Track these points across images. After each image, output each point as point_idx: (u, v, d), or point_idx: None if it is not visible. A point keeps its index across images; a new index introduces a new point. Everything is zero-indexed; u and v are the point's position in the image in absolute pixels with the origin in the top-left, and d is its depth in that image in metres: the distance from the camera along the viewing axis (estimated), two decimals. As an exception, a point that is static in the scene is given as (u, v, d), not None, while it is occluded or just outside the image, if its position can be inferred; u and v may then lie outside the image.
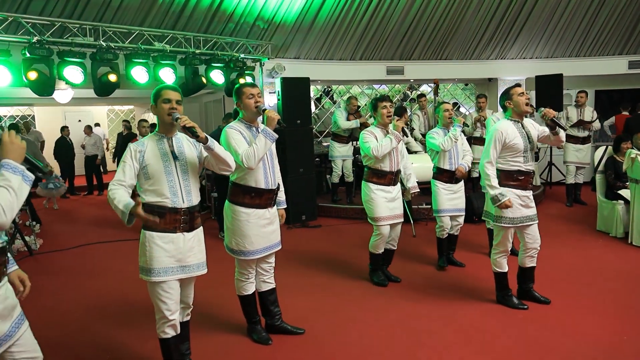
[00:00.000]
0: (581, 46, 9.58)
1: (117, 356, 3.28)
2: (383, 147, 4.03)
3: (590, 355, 3.06)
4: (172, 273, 2.63)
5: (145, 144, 2.64)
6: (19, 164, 1.85)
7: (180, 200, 2.62)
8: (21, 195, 1.80)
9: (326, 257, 5.41)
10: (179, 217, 2.63)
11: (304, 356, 3.18)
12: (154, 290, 2.63)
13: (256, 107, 3.13)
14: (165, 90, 2.66)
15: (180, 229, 2.64)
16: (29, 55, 5.47)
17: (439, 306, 3.92)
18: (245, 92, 3.14)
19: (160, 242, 2.60)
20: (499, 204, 3.53)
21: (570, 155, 7.65)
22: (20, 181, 1.81)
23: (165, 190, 2.59)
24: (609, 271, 4.61)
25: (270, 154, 3.25)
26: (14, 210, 1.76)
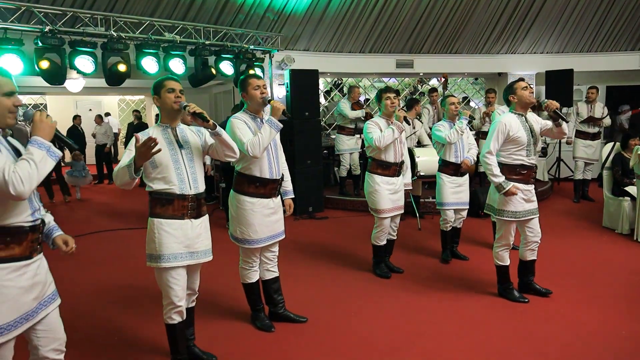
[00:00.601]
0: (593, 41, 9.49)
1: (125, 339, 3.37)
2: (385, 138, 4.06)
3: (589, 348, 3.10)
4: (181, 259, 2.69)
5: (151, 133, 2.68)
6: (47, 141, 1.93)
7: (187, 187, 2.68)
8: (43, 168, 1.88)
9: (331, 249, 5.47)
10: (187, 203, 2.68)
11: (306, 344, 3.24)
12: (162, 276, 2.70)
13: (261, 98, 3.18)
14: (167, 81, 2.71)
15: (188, 216, 2.70)
16: (41, 45, 5.56)
17: (441, 298, 3.96)
18: (251, 83, 3.19)
19: (169, 228, 2.66)
20: (504, 191, 3.56)
21: (579, 151, 7.61)
22: (43, 155, 1.89)
23: (173, 178, 2.64)
24: (612, 267, 4.61)
25: (274, 144, 3.30)
26: (32, 181, 1.84)
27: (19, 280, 1.95)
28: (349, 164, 7.61)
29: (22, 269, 1.97)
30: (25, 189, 1.83)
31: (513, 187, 3.56)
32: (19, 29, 5.49)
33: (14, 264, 1.94)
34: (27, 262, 1.99)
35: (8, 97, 1.94)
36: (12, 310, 1.92)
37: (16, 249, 1.94)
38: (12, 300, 1.92)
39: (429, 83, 12.24)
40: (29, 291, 1.99)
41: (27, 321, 1.99)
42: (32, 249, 2.01)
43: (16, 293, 1.93)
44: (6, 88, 1.93)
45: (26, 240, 1.98)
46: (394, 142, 4.17)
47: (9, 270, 1.92)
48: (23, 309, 1.96)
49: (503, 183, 3.57)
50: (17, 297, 1.94)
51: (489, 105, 7.08)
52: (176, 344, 2.81)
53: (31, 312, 2.00)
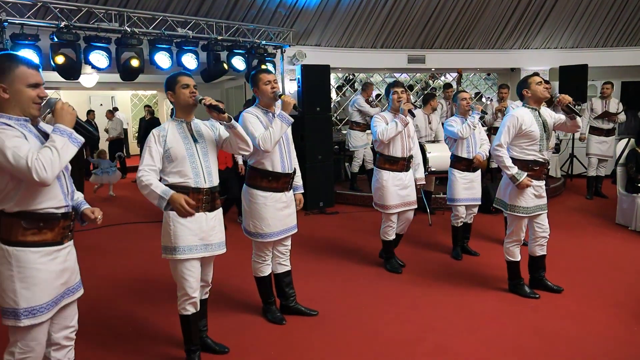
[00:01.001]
0: (608, 36, 9.37)
1: (140, 329, 3.44)
2: (389, 131, 4.05)
3: (599, 345, 3.09)
4: (196, 251, 2.73)
5: (166, 128, 2.73)
6: (69, 128, 2.01)
7: (202, 180, 2.72)
8: (64, 154, 1.95)
9: (342, 244, 5.49)
10: (202, 196, 2.73)
11: (316, 337, 3.28)
12: (177, 268, 2.74)
13: (272, 92, 3.21)
14: (180, 77, 2.74)
15: (203, 209, 2.74)
16: (57, 40, 5.63)
17: (451, 293, 3.97)
18: (262, 78, 3.23)
19: (184, 221, 2.70)
20: (518, 182, 3.55)
21: (593, 147, 7.54)
22: (65, 142, 1.96)
23: (188, 172, 2.69)
24: (624, 264, 4.59)
25: (286, 139, 3.33)
26: (54, 167, 1.90)
27: (51, 264, 2.05)
28: (361, 159, 7.61)
29: (54, 253, 2.07)
30: (48, 175, 1.89)
31: (527, 179, 3.55)
32: (35, 25, 5.57)
33: (46, 249, 2.03)
34: (58, 247, 2.08)
35: (33, 89, 2.00)
36: (44, 293, 2.02)
37: (48, 234, 2.04)
38: (44, 283, 2.02)
39: (441, 79, 12.16)
40: (60, 276, 2.09)
41: (56, 305, 2.08)
42: (64, 235, 2.11)
43: (48, 276, 2.04)
44: (32, 79, 1.99)
45: (58, 226, 2.07)
46: (401, 136, 4.16)
47: (41, 254, 2.02)
48: (54, 293, 2.06)
49: (517, 174, 3.56)
50: (49, 281, 2.04)
51: (501, 100, 7.04)
52: (190, 335, 2.85)
53: (59, 296, 2.10)
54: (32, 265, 1.99)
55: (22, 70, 1.97)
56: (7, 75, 1.96)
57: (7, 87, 1.97)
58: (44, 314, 2.02)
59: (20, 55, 2.08)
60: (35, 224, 2.01)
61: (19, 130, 1.98)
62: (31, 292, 1.99)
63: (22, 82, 1.98)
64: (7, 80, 1.96)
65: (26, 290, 1.98)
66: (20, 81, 1.97)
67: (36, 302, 1.99)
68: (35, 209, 2.00)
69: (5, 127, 1.93)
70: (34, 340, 2.04)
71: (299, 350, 3.11)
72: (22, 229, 1.99)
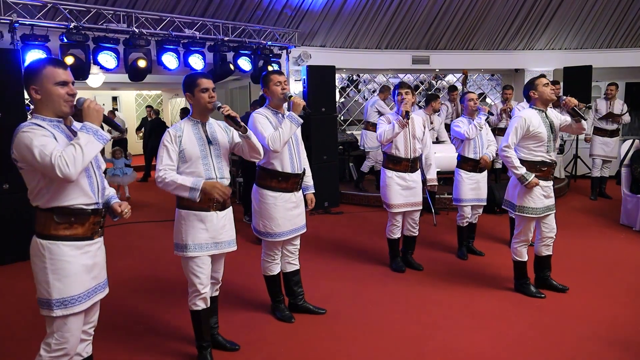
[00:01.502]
0: (612, 37, 9.39)
1: (150, 326, 3.49)
2: (386, 133, 4.08)
3: (604, 343, 3.13)
4: (207, 249, 2.79)
5: (182, 128, 2.77)
6: (96, 125, 2.07)
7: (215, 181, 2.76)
8: (89, 151, 2.00)
9: (348, 243, 5.54)
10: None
11: (324, 334, 3.32)
12: (188, 265, 2.80)
13: (282, 94, 3.26)
14: (200, 79, 2.76)
15: (214, 208, 2.79)
16: (66, 41, 5.69)
17: (457, 292, 4.01)
18: (273, 79, 3.27)
19: (195, 219, 2.76)
20: (527, 183, 3.59)
21: (597, 148, 7.57)
22: (89, 139, 2.01)
23: (200, 173, 2.74)
24: (629, 263, 4.62)
25: (296, 139, 3.38)
26: (77, 163, 1.96)
27: (81, 257, 2.13)
28: (374, 160, 7.64)
29: (85, 247, 2.15)
30: (71, 171, 1.94)
31: (535, 179, 3.59)
32: (45, 26, 5.63)
33: (76, 243, 2.12)
34: (89, 242, 2.17)
35: (62, 87, 2.08)
36: (75, 285, 2.10)
37: (79, 229, 2.13)
38: (74, 275, 2.10)
39: (445, 80, 12.20)
40: (90, 270, 2.18)
41: (89, 299, 2.17)
42: (94, 231, 2.19)
43: (78, 269, 2.12)
44: (59, 78, 2.07)
45: (88, 221, 2.15)
46: (404, 137, 4.20)
47: (72, 247, 2.11)
48: (86, 286, 2.15)
49: (525, 174, 3.60)
50: (80, 274, 2.13)
51: (506, 101, 7.07)
52: (201, 331, 2.90)
53: (92, 290, 2.18)
54: (63, 258, 2.08)
55: (49, 70, 2.06)
56: (37, 77, 2.06)
57: (39, 88, 2.07)
58: (75, 305, 2.10)
59: (47, 57, 2.17)
60: (67, 219, 2.09)
61: (50, 130, 2.05)
62: (62, 284, 2.07)
63: (50, 81, 2.06)
64: (37, 82, 2.06)
65: (58, 282, 2.07)
66: (48, 80, 2.06)
67: (68, 294, 2.08)
68: (67, 205, 2.09)
69: (35, 127, 2.02)
70: (69, 332, 2.11)
71: (308, 348, 3.15)
72: (55, 223, 2.08)
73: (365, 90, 11.98)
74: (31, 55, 5.47)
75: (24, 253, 4.97)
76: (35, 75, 2.07)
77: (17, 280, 4.54)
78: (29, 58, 5.46)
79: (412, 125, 4.24)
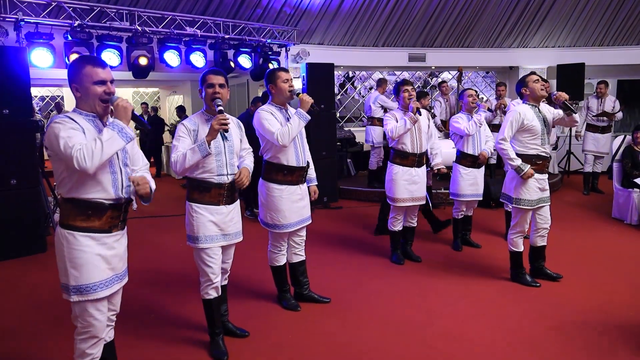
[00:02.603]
0: (605, 35, 9.58)
1: (160, 316, 3.61)
2: (398, 128, 4.22)
3: (599, 329, 3.29)
4: (217, 240, 2.91)
5: (197, 123, 2.86)
6: (124, 122, 2.13)
7: (225, 177, 2.87)
8: (108, 146, 2.06)
9: (347, 237, 5.68)
10: (223, 191, 2.88)
11: (329, 322, 3.46)
12: (200, 255, 2.91)
13: (290, 91, 3.38)
14: (209, 75, 2.85)
15: (223, 202, 2.90)
16: (71, 39, 5.78)
17: (456, 282, 4.16)
18: (280, 76, 3.39)
19: (206, 213, 2.86)
20: (523, 174, 3.74)
21: (589, 144, 7.75)
22: (112, 135, 2.08)
23: (213, 168, 2.83)
24: (620, 254, 4.79)
25: (300, 134, 3.51)
26: (95, 157, 2.02)
27: (97, 248, 2.20)
28: (380, 155, 7.74)
29: (102, 239, 2.21)
30: (87, 165, 2.01)
31: (531, 170, 3.75)
32: (49, 24, 5.72)
33: (93, 234, 2.19)
34: (106, 234, 2.22)
35: (100, 86, 2.16)
36: (91, 274, 2.18)
37: (96, 222, 2.19)
38: (89, 264, 2.17)
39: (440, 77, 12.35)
40: (107, 261, 2.24)
41: (107, 288, 2.24)
42: (112, 225, 2.24)
43: (93, 259, 2.18)
44: (96, 77, 2.15)
45: (105, 215, 2.21)
46: (411, 133, 4.33)
47: (88, 238, 2.18)
48: (102, 276, 2.21)
49: (521, 165, 3.75)
50: (95, 263, 2.19)
51: (499, 98, 7.22)
52: (213, 318, 3.02)
53: (109, 280, 2.25)
54: (79, 247, 2.16)
55: (89, 69, 2.15)
56: (77, 75, 2.16)
57: (78, 86, 2.17)
58: (90, 293, 2.18)
59: (88, 56, 2.26)
60: (84, 211, 2.16)
61: (82, 124, 2.15)
62: (78, 272, 2.16)
63: (88, 80, 2.15)
64: (77, 80, 2.16)
65: (74, 270, 2.16)
66: (87, 79, 2.15)
67: (82, 282, 2.16)
68: (85, 197, 2.16)
69: (67, 120, 2.11)
70: (91, 317, 2.21)
71: (314, 334, 3.29)
72: (73, 213, 2.17)
73: (362, 87, 12.11)
74: (36, 53, 5.56)
75: (31, 247, 5.15)
76: (77, 74, 2.16)
77: (26, 273, 4.64)
78: (34, 56, 5.55)
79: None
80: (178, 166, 2.75)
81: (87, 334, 2.24)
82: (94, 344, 2.26)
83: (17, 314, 3.72)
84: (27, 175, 5.11)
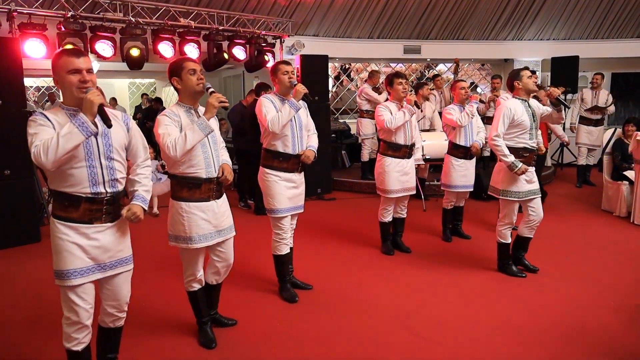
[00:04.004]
0: (599, 28, 9.59)
1: (150, 305, 3.65)
2: (396, 120, 4.27)
3: (580, 315, 3.37)
4: (212, 238, 2.87)
5: (178, 114, 2.73)
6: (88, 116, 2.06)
7: (213, 170, 2.83)
8: (65, 142, 2.00)
9: (339, 227, 5.73)
10: (212, 185, 2.84)
11: (316, 310, 3.52)
12: (190, 255, 2.90)
13: (289, 82, 3.49)
14: (187, 62, 2.72)
15: (213, 197, 2.87)
16: (64, 30, 5.77)
17: (444, 272, 4.23)
18: (281, 69, 3.51)
19: (197, 211, 2.81)
20: (517, 169, 3.77)
21: (582, 137, 7.80)
22: (71, 129, 2.02)
23: (200, 162, 2.76)
24: (608, 247, 4.86)
25: (299, 123, 3.60)
26: (50, 153, 1.99)
27: (75, 237, 2.22)
28: (371, 148, 7.78)
29: (81, 229, 2.23)
30: (43, 160, 2.01)
31: (524, 166, 3.79)
32: (42, 14, 5.70)
33: (70, 223, 2.22)
34: (85, 225, 2.24)
35: (74, 74, 2.14)
36: (67, 261, 2.21)
37: (74, 213, 2.22)
38: (65, 252, 2.20)
39: (436, 69, 12.37)
40: (86, 251, 2.25)
41: (84, 276, 2.24)
42: (92, 217, 2.24)
43: (70, 247, 2.21)
44: (70, 66, 2.13)
45: (82, 208, 2.21)
46: (404, 124, 4.38)
47: (67, 227, 2.22)
48: (77, 264, 2.22)
49: (514, 162, 3.78)
50: (72, 251, 2.21)
51: (494, 90, 7.27)
52: (199, 308, 3.06)
53: (86, 269, 2.25)
54: (57, 235, 2.22)
55: (64, 59, 2.15)
56: (56, 67, 2.17)
57: (57, 78, 2.18)
58: (68, 279, 2.20)
59: (67, 48, 2.27)
60: (62, 202, 2.22)
61: (57, 119, 2.15)
62: (57, 258, 2.23)
63: (63, 69, 2.14)
64: (56, 71, 2.17)
65: (55, 256, 2.23)
66: (62, 69, 2.15)
67: (59, 267, 2.21)
68: (61, 190, 2.21)
69: (39, 116, 2.13)
70: (72, 302, 2.24)
71: (301, 322, 3.35)
72: (55, 204, 2.26)
73: (357, 78, 12.12)
74: (29, 44, 5.56)
75: (26, 237, 5.19)
76: (54, 66, 2.18)
77: (20, 263, 4.69)
78: (27, 46, 5.55)
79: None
80: (178, 149, 2.59)
81: (69, 320, 2.27)
82: (78, 329, 2.29)
83: (11, 304, 3.77)
84: (21, 166, 5.14)
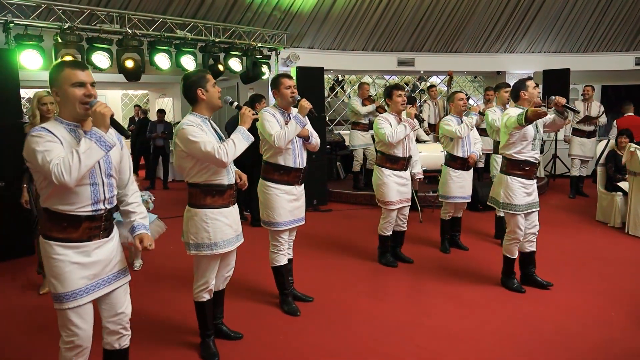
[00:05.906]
0: (589, 42, 9.77)
1: (150, 317, 3.61)
2: (398, 134, 4.29)
3: (580, 327, 3.38)
4: (234, 243, 2.94)
5: (192, 121, 2.73)
6: (102, 130, 2.03)
7: (232, 176, 2.89)
8: (86, 158, 1.96)
9: (337, 239, 5.72)
10: (233, 192, 2.91)
11: (318, 322, 3.50)
12: (209, 261, 2.88)
13: (292, 97, 3.49)
14: (209, 74, 2.83)
15: (232, 203, 2.93)
16: (61, 41, 5.77)
17: (444, 283, 4.23)
18: (284, 82, 3.50)
19: (221, 217, 2.85)
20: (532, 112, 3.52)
21: (575, 148, 7.88)
22: (90, 145, 1.98)
23: (223, 169, 2.81)
24: (604, 257, 4.90)
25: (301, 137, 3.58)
26: (73, 171, 1.94)
27: (73, 256, 2.12)
28: (361, 159, 7.80)
29: (81, 247, 2.14)
30: (66, 179, 1.94)
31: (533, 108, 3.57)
32: (39, 26, 5.70)
33: (70, 244, 2.12)
34: (85, 243, 2.14)
35: (78, 88, 2.07)
36: (68, 282, 2.10)
37: (73, 233, 2.11)
38: (66, 273, 2.10)
39: (429, 81, 12.49)
40: (87, 268, 2.16)
41: (87, 294, 2.15)
42: (91, 235, 2.16)
43: (70, 267, 2.11)
44: (74, 79, 2.06)
45: (82, 227, 2.13)
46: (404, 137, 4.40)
47: (63, 247, 2.11)
48: (80, 283, 2.13)
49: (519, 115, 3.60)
50: (73, 272, 2.11)
51: (487, 102, 7.34)
52: (205, 320, 3.03)
53: (90, 286, 2.17)
54: (54, 256, 2.09)
55: (67, 72, 2.07)
56: (57, 78, 2.09)
57: (58, 90, 2.09)
58: (69, 301, 2.10)
59: (69, 60, 2.19)
60: (59, 223, 2.09)
61: (60, 134, 2.06)
62: (57, 281, 2.10)
63: (67, 82, 2.06)
64: (57, 83, 2.09)
65: (53, 279, 2.11)
66: (65, 82, 2.07)
67: (60, 290, 2.10)
68: (59, 209, 2.08)
69: (44, 132, 2.02)
70: (73, 325, 2.13)
71: (304, 335, 3.32)
72: (49, 225, 2.11)
73: (352, 91, 12.19)
74: (25, 55, 5.54)
75: (19, 250, 5.11)
76: (55, 79, 2.09)
77: (14, 276, 4.62)
78: (23, 58, 5.53)
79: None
80: (230, 156, 2.66)
81: (71, 344, 2.16)
82: (79, 353, 2.18)
83: (3, 318, 3.71)
84: (15, 178, 5.08)
